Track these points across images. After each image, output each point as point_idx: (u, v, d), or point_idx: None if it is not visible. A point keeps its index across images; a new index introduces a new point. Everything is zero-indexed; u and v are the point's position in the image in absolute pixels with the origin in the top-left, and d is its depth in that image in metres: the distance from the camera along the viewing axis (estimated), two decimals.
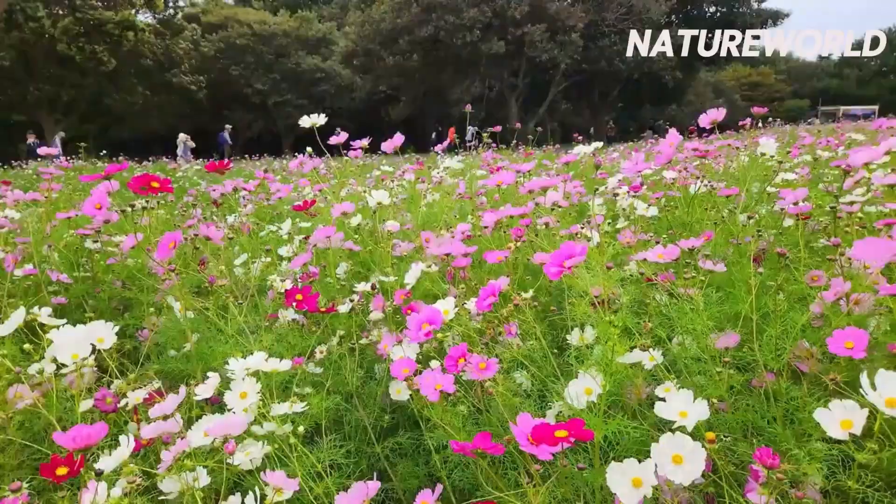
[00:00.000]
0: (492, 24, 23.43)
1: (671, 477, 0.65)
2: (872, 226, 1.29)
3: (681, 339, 1.02)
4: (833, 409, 0.62)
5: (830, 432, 0.61)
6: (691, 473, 0.65)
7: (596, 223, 1.48)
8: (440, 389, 0.81)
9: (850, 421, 0.61)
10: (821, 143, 3.44)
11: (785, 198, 1.23)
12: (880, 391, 0.58)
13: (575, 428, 0.73)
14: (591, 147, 2.91)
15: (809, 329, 1.00)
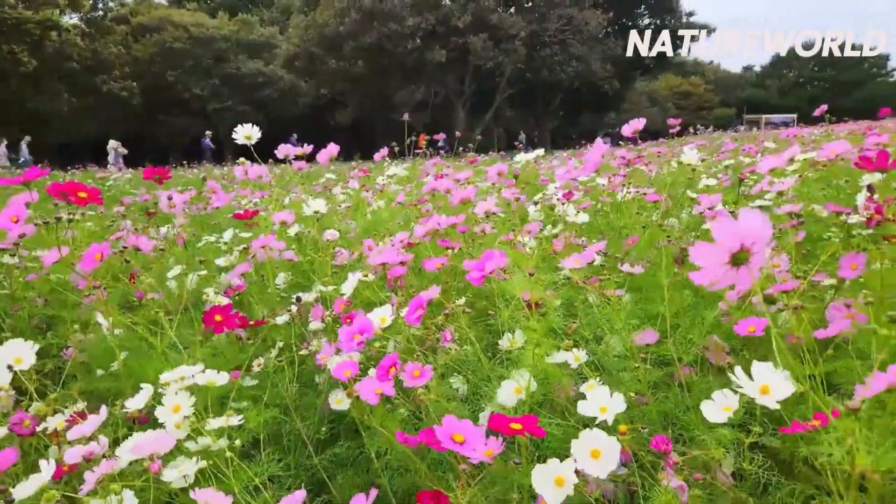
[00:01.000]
0: (435, 31, 23.65)
1: (589, 471, 0.69)
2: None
3: (606, 339, 1.07)
4: (716, 398, 0.68)
5: (712, 419, 0.67)
6: (608, 466, 0.68)
7: (529, 230, 1.53)
8: (380, 393, 0.82)
9: (729, 406, 0.67)
10: (743, 150, 3.67)
11: (701, 202, 1.31)
12: (756, 380, 0.64)
13: (528, 423, 0.76)
14: (532, 154, 2.99)
15: (720, 324, 1.08)
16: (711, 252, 0.53)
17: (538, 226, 1.49)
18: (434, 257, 1.21)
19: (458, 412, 0.94)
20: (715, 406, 0.68)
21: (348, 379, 0.96)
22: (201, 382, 0.91)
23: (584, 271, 1.39)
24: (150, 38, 25.58)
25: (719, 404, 0.68)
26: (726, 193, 1.75)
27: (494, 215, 2.29)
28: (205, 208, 2.81)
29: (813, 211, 1.70)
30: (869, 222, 1.09)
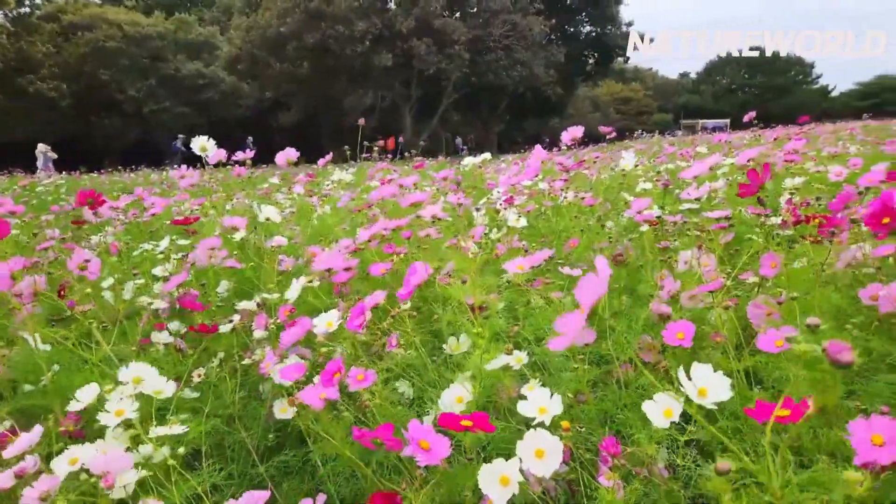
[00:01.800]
0: (382, 35, 23.60)
1: (534, 470, 0.71)
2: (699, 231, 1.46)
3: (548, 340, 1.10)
4: (657, 400, 0.71)
5: (655, 422, 0.70)
6: (552, 465, 0.71)
7: (472, 234, 1.56)
8: (324, 398, 0.82)
9: (670, 410, 0.70)
10: (679, 154, 3.83)
11: (632, 206, 1.37)
12: (694, 382, 0.68)
13: (479, 420, 0.77)
14: (478, 158, 3.03)
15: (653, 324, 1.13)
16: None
17: (482, 230, 1.51)
18: (379, 262, 1.22)
19: (403, 416, 0.95)
20: (656, 408, 0.71)
21: (294, 382, 0.96)
22: (148, 391, 0.89)
23: (526, 274, 1.43)
24: (82, 37, 24.37)
25: (661, 407, 0.71)
26: (657, 197, 1.83)
27: (440, 220, 2.32)
28: (141, 215, 2.71)
29: (740, 213, 1.80)
30: (785, 224, 1.17)
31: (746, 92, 42.95)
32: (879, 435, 0.63)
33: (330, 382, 0.83)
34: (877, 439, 0.63)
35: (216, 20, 32.00)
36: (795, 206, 1.17)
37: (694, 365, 0.68)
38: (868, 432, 0.64)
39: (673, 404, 0.69)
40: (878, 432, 0.63)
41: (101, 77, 24.17)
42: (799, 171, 2.37)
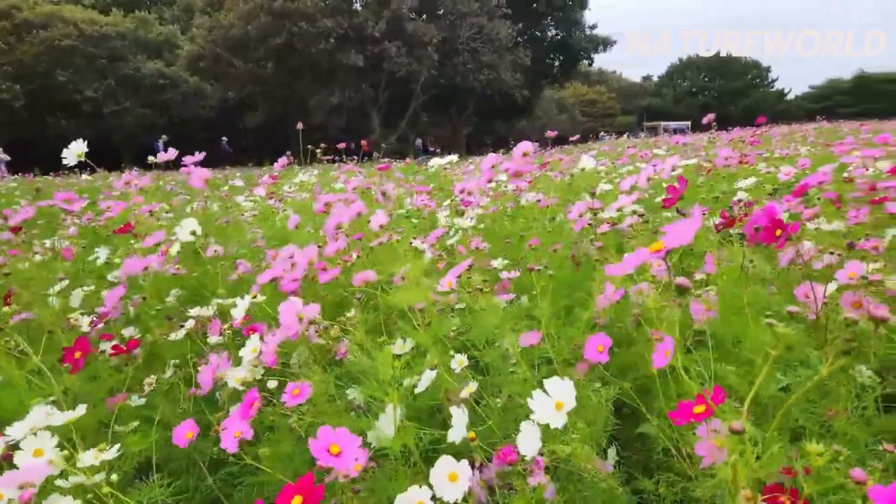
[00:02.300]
0: (349, 35, 23.45)
1: (447, 496, 0.71)
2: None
3: (498, 342, 1.12)
4: (539, 396, 0.75)
5: (552, 424, 0.73)
6: (462, 488, 0.72)
7: (427, 238, 1.57)
8: (239, 437, 0.82)
9: (561, 403, 0.74)
10: (640, 156, 3.92)
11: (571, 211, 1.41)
12: (552, 397, 0.71)
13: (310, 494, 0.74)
14: (444, 160, 3.05)
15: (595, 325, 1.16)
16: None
17: (441, 232, 1.53)
18: (331, 269, 1.22)
19: (356, 424, 0.96)
20: (544, 403, 0.74)
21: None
22: (58, 423, 0.85)
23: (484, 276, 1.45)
24: (37, 36, 23.55)
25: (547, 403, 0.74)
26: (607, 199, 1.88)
27: (408, 220, 2.32)
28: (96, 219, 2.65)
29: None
30: (718, 227, 1.22)
31: (706, 94, 44.07)
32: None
33: (248, 412, 0.82)
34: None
35: (177, 19, 31.32)
36: (724, 209, 1.22)
37: (548, 380, 0.72)
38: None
39: (567, 397, 0.72)
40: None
41: (58, 77, 23.40)
42: (751, 172, 2.46)
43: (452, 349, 1.07)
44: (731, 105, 40.48)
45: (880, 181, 1.48)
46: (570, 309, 1.26)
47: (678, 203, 1.34)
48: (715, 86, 44.19)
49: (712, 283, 1.25)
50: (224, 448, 0.84)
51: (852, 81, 43.02)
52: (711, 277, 1.24)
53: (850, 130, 5.96)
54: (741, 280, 1.13)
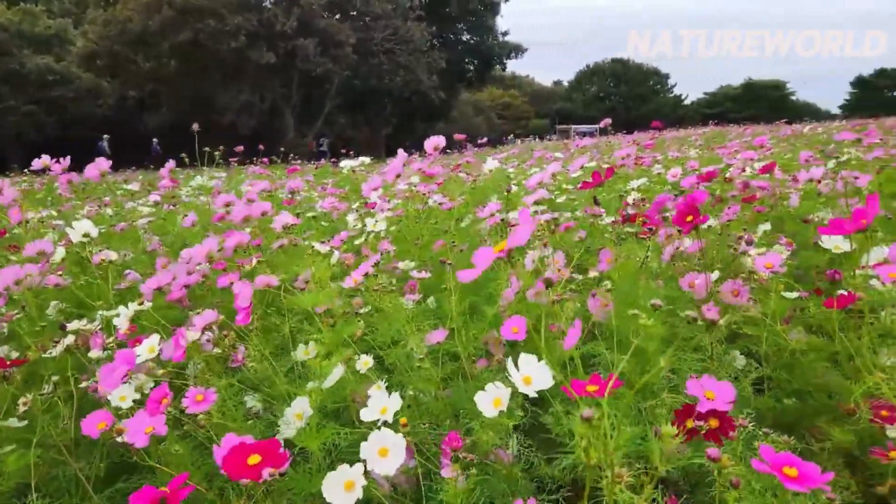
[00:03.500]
0: (259, 33, 22.68)
1: (379, 470, 0.72)
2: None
3: (405, 342, 1.13)
4: (488, 390, 0.76)
5: (486, 413, 0.74)
6: (395, 462, 0.72)
7: (338, 239, 1.55)
8: (151, 433, 0.78)
9: (499, 399, 0.75)
10: (546, 158, 4.06)
11: (480, 211, 1.44)
12: (521, 371, 0.73)
13: (269, 452, 0.74)
14: (356, 161, 3.01)
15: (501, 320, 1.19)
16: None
17: (346, 235, 1.51)
18: (227, 275, 1.18)
19: (251, 432, 0.93)
20: (487, 398, 0.75)
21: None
22: None
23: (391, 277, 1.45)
24: None
25: (491, 396, 0.75)
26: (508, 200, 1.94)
27: (317, 221, 2.27)
28: None
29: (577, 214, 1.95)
30: (615, 223, 1.29)
31: (613, 99, 46.37)
32: (710, 391, 0.72)
33: (157, 409, 0.78)
34: (709, 394, 0.72)
35: (67, 12, 29.02)
36: (621, 208, 1.29)
37: (521, 355, 0.73)
38: (699, 389, 0.72)
39: (503, 394, 0.74)
40: (709, 388, 0.72)
41: None
42: (644, 174, 2.61)
43: (358, 350, 1.06)
44: (635, 109, 42.81)
45: (753, 181, 1.62)
46: (475, 307, 1.28)
47: (594, 193, 1.40)
48: (620, 91, 46.58)
49: (609, 278, 1.32)
50: (131, 442, 0.79)
51: (740, 88, 46.77)
52: (607, 272, 1.31)
53: (736, 134, 6.47)
54: (634, 274, 1.20)
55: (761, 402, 1.05)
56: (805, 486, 0.49)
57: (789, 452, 0.52)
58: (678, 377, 0.98)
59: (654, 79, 47.35)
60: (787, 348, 1.04)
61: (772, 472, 0.50)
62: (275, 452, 0.61)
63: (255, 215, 1.32)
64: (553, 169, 1.43)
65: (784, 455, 0.52)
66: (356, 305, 1.33)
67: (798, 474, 0.50)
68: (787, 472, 0.50)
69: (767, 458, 0.51)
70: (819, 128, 6.99)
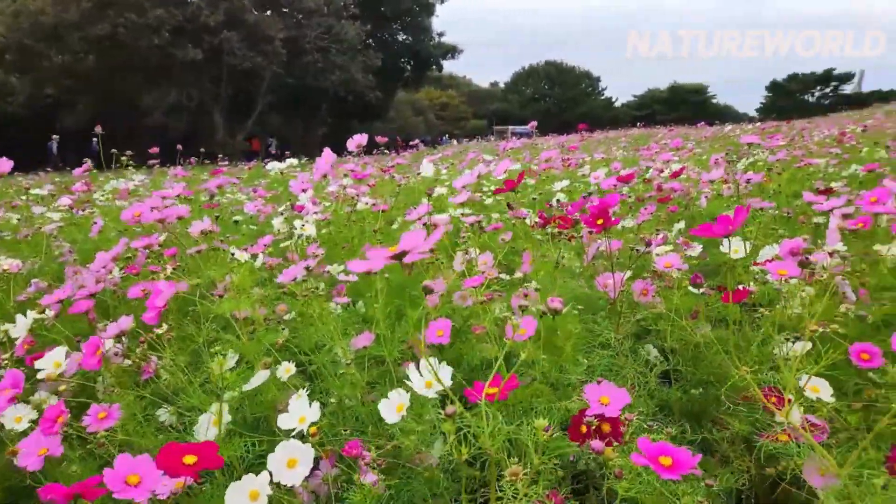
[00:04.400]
0: (184, 28, 21.76)
1: (286, 480, 0.71)
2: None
3: (329, 346, 1.12)
4: (391, 397, 0.77)
5: (388, 419, 0.75)
6: (303, 473, 0.72)
7: (264, 244, 1.51)
8: (45, 454, 0.74)
9: (401, 405, 0.76)
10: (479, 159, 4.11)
11: (409, 213, 1.45)
12: (423, 376, 0.74)
13: (205, 452, 0.74)
14: (284, 164, 2.94)
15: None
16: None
17: (270, 239, 1.48)
18: (141, 283, 1.13)
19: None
20: (391, 404, 0.76)
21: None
22: None
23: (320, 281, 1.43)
24: None
25: (394, 403, 0.76)
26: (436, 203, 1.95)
27: (239, 226, 2.21)
28: None
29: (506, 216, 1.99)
30: (535, 225, 1.32)
31: (547, 101, 47.49)
32: (606, 396, 0.75)
33: (52, 428, 0.74)
34: (604, 399, 0.74)
35: None
36: (541, 210, 1.33)
37: (421, 362, 0.75)
38: (597, 394, 0.75)
39: (404, 400, 0.74)
40: (604, 394, 0.75)
41: None
42: (570, 175, 2.70)
43: (280, 358, 1.04)
44: (569, 111, 44.01)
45: (666, 182, 1.70)
46: (401, 310, 1.29)
47: (509, 198, 1.43)
48: (554, 93, 47.77)
49: (531, 278, 1.36)
50: (24, 466, 0.75)
51: (666, 91, 48.98)
52: (530, 273, 1.35)
53: (662, 136, 6.78)
54: (551, 275, 1.24)
55: (669, 393, 1.10)
56: (677, 474, 0.52)
57: (664, 442, 0.56)
58: (592, 376, 1.02)
59: (586, 81, 48.86)
60: (693, 342, 1.10)
61: (648, 464, 0.53)
62: (212, 454, 0.60)
63: (170, 220, 1.27)
64: (479, 171, 1.46)
65: (660, 445, 0.56)
66: (280, 312, 1.31)
67: (672, 462, 0.53)
68: (662, 462, 0.53)
69: (644, 450, 0.55)
70: (738, 129, 7.43)
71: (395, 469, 0.89)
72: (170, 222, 1.26)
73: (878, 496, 0.65)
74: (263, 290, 1.21)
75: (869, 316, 0.97)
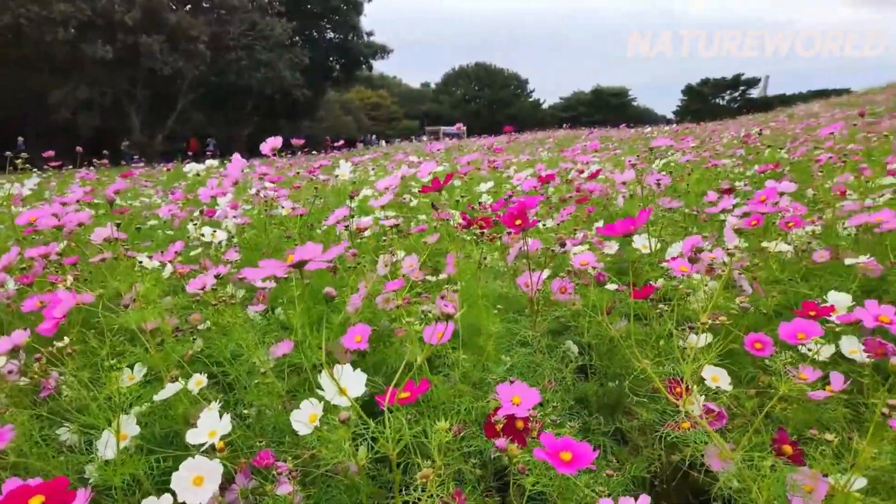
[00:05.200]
0: (94, 23, 20.46)
1: (191, 500, 0.68)
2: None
3: (246, 356, 1.08)
4: (303, 407, 0.76)
5: (300, 430, 0.74)
6: (210, 490, 0.69)
7: (175, 251, 1.45)
8: None
9: (314, 415, 0.75)
10: (405, 161, 4.11)
11: (333, 215, 1.43)
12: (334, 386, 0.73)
13: (54, 491, 0.65)
14: (202, 166, 2.82)
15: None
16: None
17: (181, 246, 1.42)
18: (37, 295, 1.05)
19: (61, 468, 0.84)
20: (303, 414, 0.74)
21: None
22: None
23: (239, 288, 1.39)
24: None
25: (307, 412, 0.74)
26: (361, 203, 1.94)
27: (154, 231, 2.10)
28: None
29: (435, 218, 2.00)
30: (460, 227, 1.34)
31: (478, 102, 48.12)
32: (518, 395, 0.76)
33: None
34: (515, 399, 0.76)
35: None
36: (464, 211, 1.35)
37: (336, 367, 0.74)
38: (509, 393, 0.76)
39: (317, 409, 0.73)
40: (516, 393, 0.76)
41: None
42: (496, 175, 2.74)
43: (192, 370, 1.00)
44: (499, 112, 44.78)
45: (585, 183, 1.76)
46: (322, 315, 1.27)
47: (435, 198, 1.44)
48: (485, 94, 48.46)
49: (456, 279, 1.37)
50: None
51: (591, 94, 50.79)
52: (454, 274, 1.36)
53: (586, 137, 7.02)
54: (473, 275, 1.26)
55: (587, 387, 1.14)
56: (575, 468, 0.55)
57: (568, 437, 0.58)
58: (513, 374, 1.04)
59: (515, 83, 49.87)
60: (608, 336, 1.14)
61: (548, 459, 0.55)
62: (60, 491, 0.56)
63: (70, 226, 1.19)
64: (402, 173, 1.45)
65: (563, 440, 0.58)
66: (195, 321, 1.26)
67: (571, 457, 0.55)
68: (562, 457, 0.55)
69: (547, 446, 0.57)
70: (655, 131, 7.81)
71: (314, 478, 0.87)
72: (70, 229, 1.18)
73: (768, 477, 0.70)
74: (175, 300, 1.16)
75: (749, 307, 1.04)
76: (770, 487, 0.69)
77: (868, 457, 0.66)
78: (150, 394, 0.91)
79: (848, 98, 15.65)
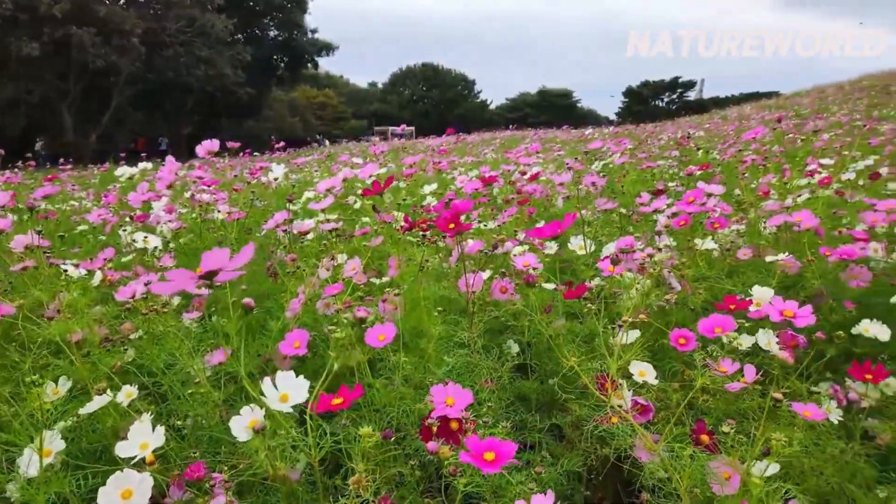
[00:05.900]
0: (17, 18, 19.28)
1: None
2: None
3: (180, 365, 1.06)
4: (243, 412, 0.75)
5: (239, 438, 0.73)
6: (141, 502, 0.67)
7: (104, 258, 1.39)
8: None
9: (254, 421, 0.74)
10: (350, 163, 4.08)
11: (273, 218, 1.41)
12: (279, 389, 0.73)
13: None
14: (136, 168, 2.72)
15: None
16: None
17: (112, 252, 1.36)
18: None
19: None
20: (242, 421, 0.73)
21: None
22: None
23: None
24: None
25: (246, 420, 0.73)
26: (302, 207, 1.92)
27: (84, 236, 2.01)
28: None
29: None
30: (403, 230, 1.35)
31: (426, 102, 48.15)
32: (451, 397, 0.77)
33: None
34: (449, 401, 0.77)
35: None
36: (407, 213, 1.35)
37: (279, 374, 0.73)
38: (443, 395, 0.78)
39: (257, 415, 0.73)
40: (450, 395, 0.77)
41: None
42: (440, 177, 2.77)
43: (122, 381, 0.97)
44: (447, 113, 44.95)
45: (526, 185, 1.80)
46: (261, 321, 1.25)
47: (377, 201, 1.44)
48: (432, 95, 48.53)
49: (398, 282, 1.37)
50: None
51: (537, 95, 51.67)
52: (396, 277, 1.36)
53: (531, 139, 7.14)
54: (415, 278, 1.26)
55: (526, 385, 1.17)
56: (498, 467, 0.56)
57: (492, 438, 0.60)
58: (453, 375, 1.05)
59: (462, 84, 50.16)
60: (546, 335, 1.17)
61: (472, 461, 0.56)
62: None
63: None
64: (344, 175, 1.45)
65: (487, 441, 0.59)
66: (126, 331, 1.22)
67: (495, 456, 0.57)
68: (486, 457, 0.57)
69: (471, 447, 0.58)
70: (597, 132, 8.03)
71: (252, 487, 0.86)
72: None
73: (689, 466, 0.74)
74: (105, 309, 1.12)
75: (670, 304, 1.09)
76: (690, 476, 0.73)
77: (779, 444, 0.71)
78: (76, 408, 0.88)
79: (776, 101, 16.51)
